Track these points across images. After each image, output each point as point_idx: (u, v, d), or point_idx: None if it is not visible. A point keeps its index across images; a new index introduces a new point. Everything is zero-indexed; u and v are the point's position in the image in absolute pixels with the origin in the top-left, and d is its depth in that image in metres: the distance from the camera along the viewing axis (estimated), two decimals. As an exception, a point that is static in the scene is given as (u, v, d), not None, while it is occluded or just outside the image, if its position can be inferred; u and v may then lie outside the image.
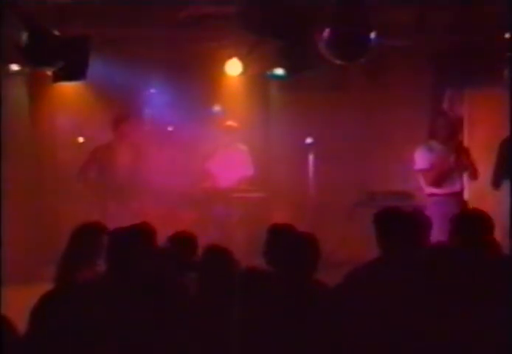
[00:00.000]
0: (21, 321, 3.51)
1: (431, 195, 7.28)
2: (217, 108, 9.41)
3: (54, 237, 8.00)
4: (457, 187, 7.28)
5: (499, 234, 4.94)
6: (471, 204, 7.21)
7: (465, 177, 7.37)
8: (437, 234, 4.86)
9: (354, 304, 4.04)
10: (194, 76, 8.91)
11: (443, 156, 7.25)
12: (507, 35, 7.38)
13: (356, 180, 8.90)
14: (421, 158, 7.32)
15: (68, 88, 8.63)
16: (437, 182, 7.22)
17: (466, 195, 7.48)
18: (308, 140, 8.78)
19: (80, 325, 3.41)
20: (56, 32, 6.95)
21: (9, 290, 6.76)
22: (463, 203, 7.26)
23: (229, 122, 9.13)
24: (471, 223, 4.59)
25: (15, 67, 8.31)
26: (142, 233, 4.69)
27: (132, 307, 3.97)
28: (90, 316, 3.53)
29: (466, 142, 8.55)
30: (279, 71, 8.96)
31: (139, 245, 4.52)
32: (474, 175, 7.32)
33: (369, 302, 4.05)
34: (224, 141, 9.05)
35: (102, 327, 3.59)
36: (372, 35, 6.85)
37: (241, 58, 8.90)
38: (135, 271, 4.26)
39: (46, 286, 4.39)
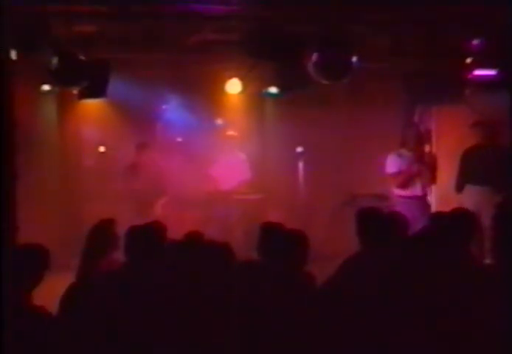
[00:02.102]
0: (52, 305, 3.57)
1: (398, 197, 7.29)
2: (219, 121, 9.43)
3: (78, 233, 8.03)
4: (418, 191, 7.22)
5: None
6: (438, 206, 7.23)
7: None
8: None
9: (335, 294, 4.04)
10: (200, 94, 8.92)
11: (410, 162, 7.24)
12: (468, 60, 7.43)
13: (340, 184, 8.90)
14: (391, 163, 7.27)
15: (92, 105, 8.66)
16: (402, 185, 7.17)
17: (433, 198, 7.49)
18: (299, 149, 8.81)
19: (104, 311, 3.45)
20: (81, 57, 6.98)
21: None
22: (427, 206, 7.27)
23: (230, 132, 9.19)
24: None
25: (46, 87, 8.41)
26: (154, 230, 4.74)
27: (148, 294, 4.00)
28: (112, 303, 3.57)
29: (434, 152, 8.56)
30: (273, 90, 9.00)
31: (153, 240, 4.56)
32: (432, 180, 7.30)
33: (347, 291, 4.06)
34: (225, 149, 9.09)
35: (122, 313, 3.63)
36: (354, 58, 6.87)
37: (240, 78, 8.94)
38: (150, 263, 4.28)
39: (73, 275, 4.45)
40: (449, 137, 8.53)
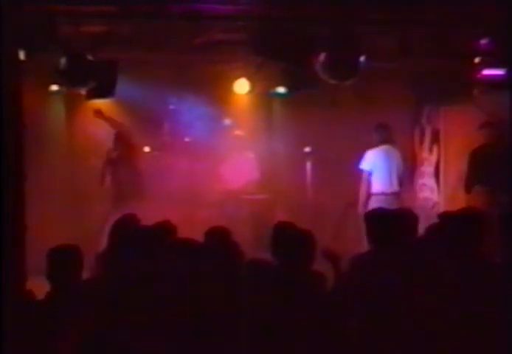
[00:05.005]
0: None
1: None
2: (227, 121, 9.46)
3: (87, 232, 8.07)
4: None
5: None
6: (445, 206, 7.22)
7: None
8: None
9: (343, 293, 4.06)
10: (208, 94, 8.92)
11: None
12: (476, 60, 7.41)
13: (348, 183, 8.90)
14: None
15: (100, 105, 8.66)
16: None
17: (441, 199, 7.49)
18: (307, 149, 8.82)
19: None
20: (89, 57, 7.01)
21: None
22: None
23: (237, 132, 9.22)
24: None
25: (54, 87, 8.46)
26: (164, 229, 4.76)
27: (154, 293, 4.02)
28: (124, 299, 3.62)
29: (442, 152, 8.56)
30: (281, 90, 9.00)
31: (162, 239, 4.58)
32: None
33: (355, 289, 4.07)
34: (234, 149, 9.12)
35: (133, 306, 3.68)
36: (362, 58, 6.87)
37: (248, 78, 8.95)
38: (159, 262, 4.30)
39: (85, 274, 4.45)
40: (457, 137, 8.52)
